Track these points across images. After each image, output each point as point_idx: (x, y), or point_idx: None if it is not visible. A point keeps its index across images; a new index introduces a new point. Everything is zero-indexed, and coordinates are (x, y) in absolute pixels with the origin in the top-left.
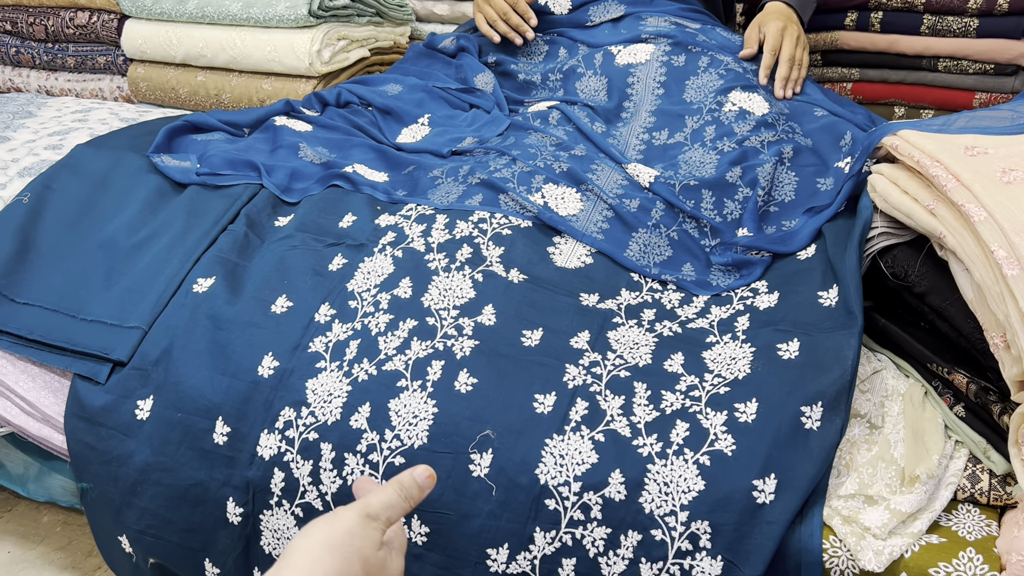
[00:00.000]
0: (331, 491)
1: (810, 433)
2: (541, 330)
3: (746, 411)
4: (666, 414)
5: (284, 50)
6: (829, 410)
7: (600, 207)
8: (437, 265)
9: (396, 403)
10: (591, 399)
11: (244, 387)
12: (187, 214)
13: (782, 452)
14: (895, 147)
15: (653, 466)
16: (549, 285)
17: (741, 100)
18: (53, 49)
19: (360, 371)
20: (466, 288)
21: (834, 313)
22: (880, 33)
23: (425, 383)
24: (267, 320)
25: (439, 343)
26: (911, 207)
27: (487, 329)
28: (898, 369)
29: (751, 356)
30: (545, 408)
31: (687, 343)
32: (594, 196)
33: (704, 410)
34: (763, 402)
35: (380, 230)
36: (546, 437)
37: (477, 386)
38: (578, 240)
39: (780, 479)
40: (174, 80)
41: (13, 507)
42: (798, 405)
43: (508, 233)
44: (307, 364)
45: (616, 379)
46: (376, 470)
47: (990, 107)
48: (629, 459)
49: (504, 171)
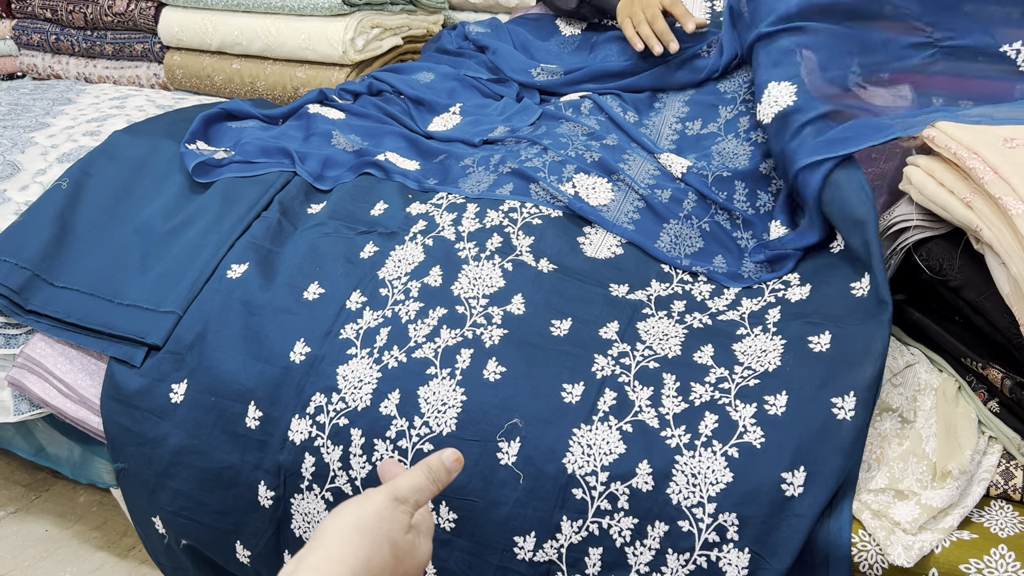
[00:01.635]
0: (360, 476)
1: (841, 425)
2: (570, 320)
3: (776, 403)
4: (694, 406)
5: (318, 38)
6: (861, 402)
7: (631, 197)
8: (467, 254)
9: (425, 391)
10: (620, 389)
11: (276, 372)
12: (221, 201)
13: (812, 445)
14: (931, 139)
15: (681, 457)
16: (579, 275)
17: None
18: (92, 36)
19: (390, 358)
20: (496, 277)
21: (865, 303)
22: None
23: (454, 371)
24: (299, 306)
25: (468, 332)
26: (947, 199)
27: (516, 318)
28: (931, 363)
29: (781, 349)
30: (573, 398)
31: (717, 335)
32: (625, 186)
33: (733, 402)
34: (793, 394)
35: (411, 218)
36: (574, 427)
37: (506, 375)
38: (608, 230)
39: (809, 472)
40: (210, 68)
41: (51, 486)
42: (829, 397)
43: (538, 223)
44: (338, 351)
45: (645, 370)
46: (405, 456)
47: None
48: (656, 450)
49: (535, 160)
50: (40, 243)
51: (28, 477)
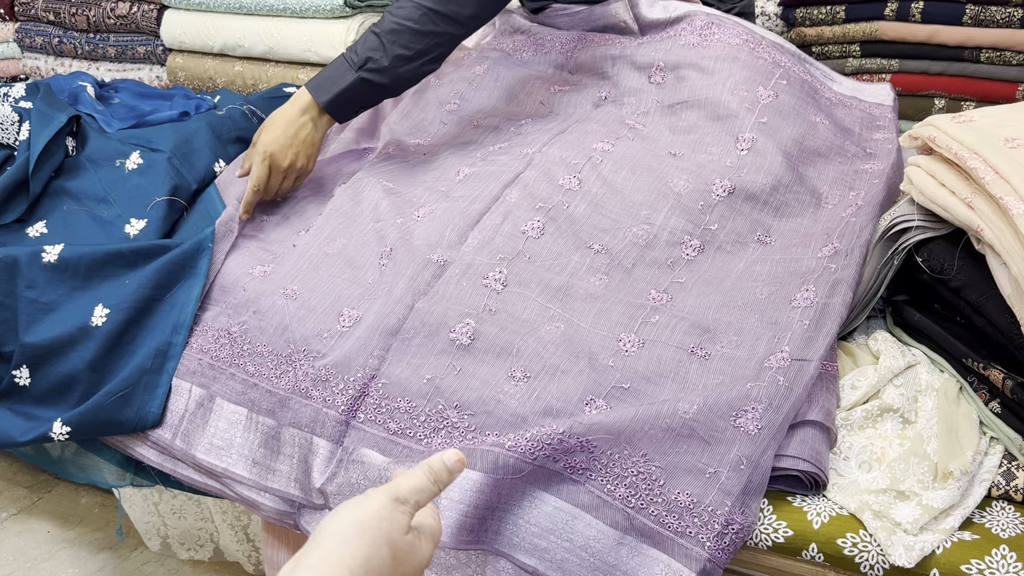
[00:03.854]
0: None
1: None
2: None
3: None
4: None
5: (320, 40)
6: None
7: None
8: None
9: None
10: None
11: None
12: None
13: None
14: (932, 139)
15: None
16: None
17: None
18: (94, 39)
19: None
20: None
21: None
22: (921, 23)
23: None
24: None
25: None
26: (948, 200)
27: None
28: (932, 364)
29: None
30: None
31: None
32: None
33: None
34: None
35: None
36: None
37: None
38: None
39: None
40: (212, 70)
41: (53, 488)
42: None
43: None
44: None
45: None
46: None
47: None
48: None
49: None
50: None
51: (30, 479)
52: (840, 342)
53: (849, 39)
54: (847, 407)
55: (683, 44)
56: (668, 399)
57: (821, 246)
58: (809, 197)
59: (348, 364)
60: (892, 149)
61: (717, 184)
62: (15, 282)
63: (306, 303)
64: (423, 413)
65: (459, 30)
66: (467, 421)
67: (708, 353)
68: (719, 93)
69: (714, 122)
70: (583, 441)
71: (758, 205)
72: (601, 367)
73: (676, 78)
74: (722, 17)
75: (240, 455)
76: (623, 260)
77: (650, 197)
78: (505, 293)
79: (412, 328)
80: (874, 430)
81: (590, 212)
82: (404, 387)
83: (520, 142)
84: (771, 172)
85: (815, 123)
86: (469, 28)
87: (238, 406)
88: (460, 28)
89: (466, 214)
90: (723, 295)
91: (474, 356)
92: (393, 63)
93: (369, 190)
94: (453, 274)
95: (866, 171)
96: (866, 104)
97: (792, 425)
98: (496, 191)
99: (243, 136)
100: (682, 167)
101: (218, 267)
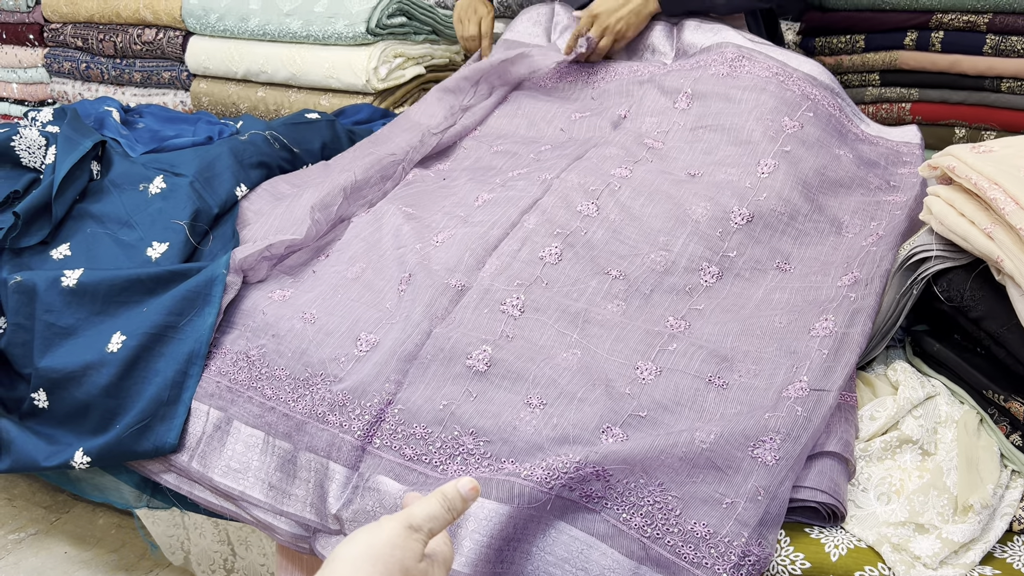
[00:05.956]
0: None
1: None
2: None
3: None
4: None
5: (342, 67)
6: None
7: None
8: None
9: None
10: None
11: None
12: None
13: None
14: (952, 168)
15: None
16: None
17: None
18: (121, 64)
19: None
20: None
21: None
22: (941, 53)
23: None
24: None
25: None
26: (967, 230)
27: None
28: (952, 395)
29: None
30: None
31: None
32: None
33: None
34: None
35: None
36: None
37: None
38: None
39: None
40: (235, 95)
41: (71, 508)
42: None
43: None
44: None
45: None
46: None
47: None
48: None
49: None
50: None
51: (48, 499)
52: (859, 372)
53: (868, 68)
54: (866, 438)
55: (712, 74)
56: (685, 428)
57: (841, 275)
58: (829, 226)
59: (365, 389)
60: (916, 183)
61: (736, 211)
62: (34, 306)
63: (324, 327)
64: (439, 439)
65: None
66: (483, 448)
67: (726, 382)
68: (743, 120)
69: (736, 145)
70: (599, 470)
71: (777, 232)
72: (618, 395)
73: (701, 105)
74: (753, 51)
75: (257, 478)
76: (641, 286)
77: (668, 223)
78: (522, 319)
79: (429, 354)
80: (893, 462)
81: (608, 238)
82: (420, 413)
83: (539, 168)
84: (790, 200)
85: (838, 155)
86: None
87: (255, 429)
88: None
89: (484, 239)
90: (741, 323)
91: (491, 382)
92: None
93: (390, 216)
94: (471, 300)
95: (888, 202)
96: (892, 142)
97: (810, 456)
98: (514, 217)
99: (265, 161)
100: (700, 192)
101: (236, 292)
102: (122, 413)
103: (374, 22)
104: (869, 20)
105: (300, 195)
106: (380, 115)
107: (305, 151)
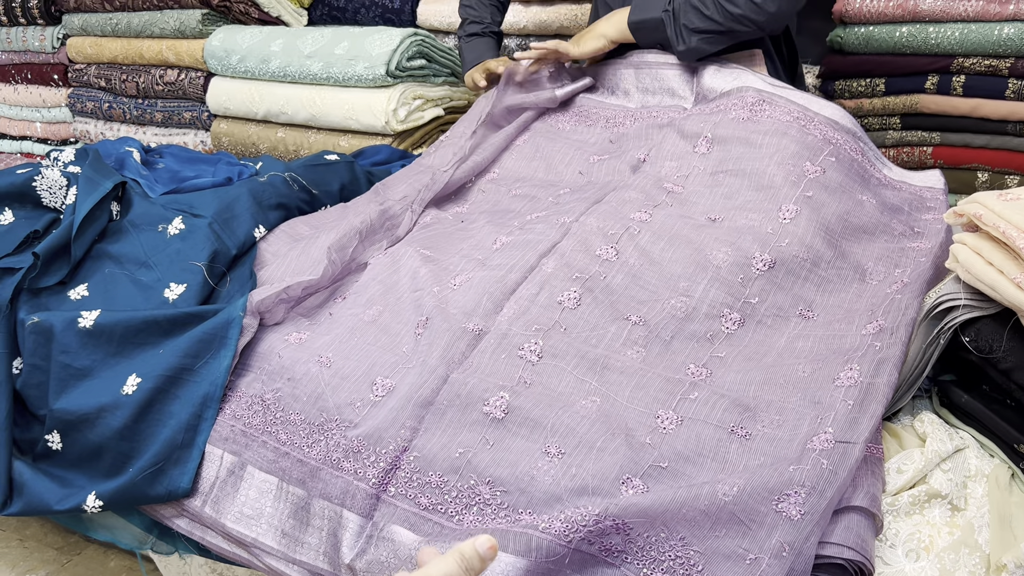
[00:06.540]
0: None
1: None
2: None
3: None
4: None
5: (361, 109)
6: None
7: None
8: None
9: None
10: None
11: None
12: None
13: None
14: (979, 216)
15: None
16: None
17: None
18: (143, 104)
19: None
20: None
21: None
22: (962, 97)
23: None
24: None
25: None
26: (996, 279)
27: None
28: (982, 448)
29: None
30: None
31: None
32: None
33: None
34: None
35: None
36: None
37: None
38: None
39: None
40: (255, 135)
41: (82, 550)
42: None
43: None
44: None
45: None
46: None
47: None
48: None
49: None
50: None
51: (60, 540)
52: (885, 423)
53: (889, 112)
54: (893, 492)
55: (732, 118)
56: (707, 480)
57: (865, 323)
58: (852, 272)
59: (380, 435)
60: (941, 229)
61: (757, 257)
62: (51, 346)
63: (340, 371)
64: (455, 488)
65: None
66: (500, 498)
67: (749, 432)
68: (765, 165)
69: (757, 191)
70: (619, 523)
71: (799, 279)
72: (638, 444)
73: (722, 150)
74: (774, 95)
75: (270, 525)
76: (661, 332)
77: (688, 269)
78: (540, 365)
79: (446, 400)
80: (922, 517)
81: (628, 283)
82: (436, 461)
83: (557, 211)
84: (813, 246)
85: (861, 201)
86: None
87: (269, 475)
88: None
89: (502, 283)
90: (764, 371)
91: (508, 430)
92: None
93: (407, 258)
94: (488, 345)
95: (913, 249)
96: (916, 187)
97: (836, 510)
98: (532, 261)
99: (284, 203)
100: (721, 237)
101: (253, 334)
102: (136, 456)
103: (394, 64)
104: (889, 64)
105: (317, 236)
106: (399, 156)
107: (324, 192)
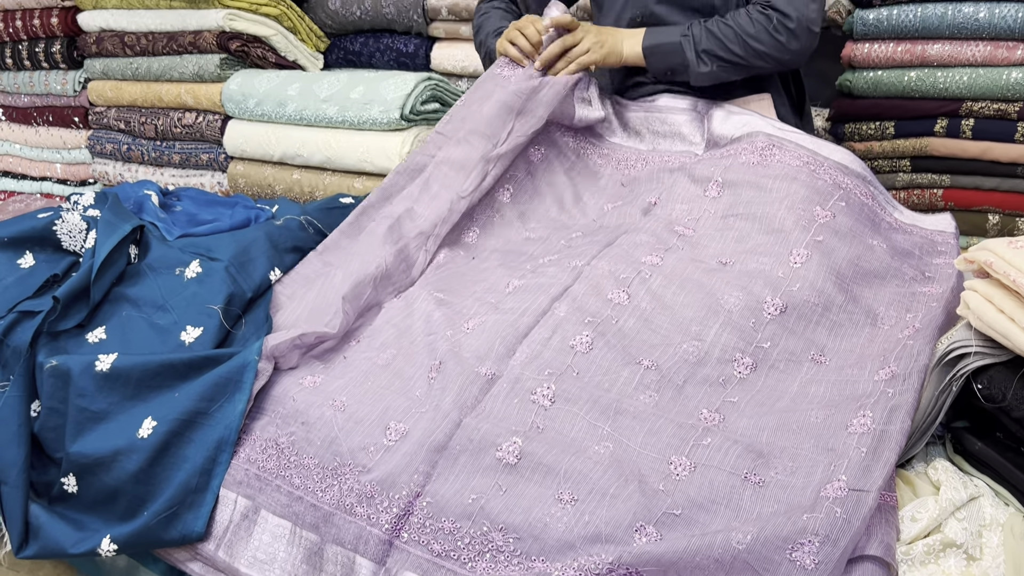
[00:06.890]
0: None
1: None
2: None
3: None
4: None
5: (376, 151)
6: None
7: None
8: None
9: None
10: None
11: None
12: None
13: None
14: (989, 264)
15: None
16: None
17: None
18: (161, 146)
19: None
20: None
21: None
22: (972, 140)
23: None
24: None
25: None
26: (1007, 327)
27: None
28: (997, 496)
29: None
30: None
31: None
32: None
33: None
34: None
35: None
36: None
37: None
38: None
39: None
40: (271, 177)
41: None
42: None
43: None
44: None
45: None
46: None
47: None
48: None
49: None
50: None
51: None
52: (898, 470)
53: (899, 154)
54: (907, 540)
55: (743, 163)
56: (721, 528)
57: (878, 368)
58: (864, 317)
59: (394, 480)
60: (952, 274)
61: (769, 301)
62: (68, 390)
63: (354, 415)
64: (468, 535)
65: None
66: (513, 545)
67: (762, 479)
68: (775, 209)
69: (768, 234)
70: (632, 571)
71: (811, 324)
72: (651, 491)
73: (732, 194)
74: (784, 140)
75: (283, 570)
76: (673, 377)
77: (700, 313)
78: (553, 410)
79: (459, 445)
80: (936, 567)
81: (640, 327)
82: (449, 507)
83: (569, 254)
84: (824, 290)
85: (872, 245)
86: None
87: (283, 519)
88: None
89: (515, 327)
90: (777, 417)
91: (521, 476)
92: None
93: (421, 301)
94: (501, 389)
95: (924, 294)
96: (927, 231)
97: (850, 559)
98: (545, 304)
99: (299, 246)
100: (732, 281)
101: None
102: (150, 500)
103: (408, 108)
104: (898, 107)
105: (331, 276)
106: None
107: None
